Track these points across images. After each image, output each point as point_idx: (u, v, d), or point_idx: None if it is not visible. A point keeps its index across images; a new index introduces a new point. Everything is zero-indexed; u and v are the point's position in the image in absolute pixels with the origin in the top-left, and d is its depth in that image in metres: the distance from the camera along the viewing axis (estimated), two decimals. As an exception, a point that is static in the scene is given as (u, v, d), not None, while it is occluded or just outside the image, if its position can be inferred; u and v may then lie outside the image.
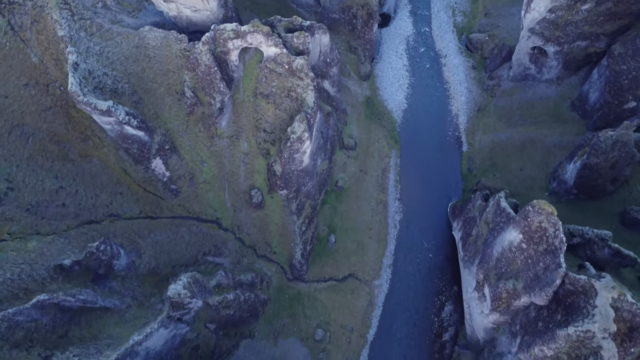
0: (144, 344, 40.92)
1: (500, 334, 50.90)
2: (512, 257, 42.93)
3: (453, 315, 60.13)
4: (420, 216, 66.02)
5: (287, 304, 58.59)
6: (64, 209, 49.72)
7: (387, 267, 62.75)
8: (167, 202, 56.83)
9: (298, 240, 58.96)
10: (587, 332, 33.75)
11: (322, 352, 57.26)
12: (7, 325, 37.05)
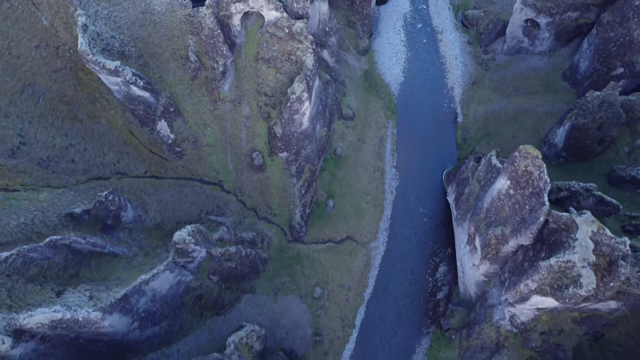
0: (151, 284, 43.16)
1: (491, 287, 53.13)
2: (501, 205, 45.08)
3: (447, 275, 62.29)
4: (416, 183, 68.16)
5: (287, 264, 60.78)
6: (73, 164, 51.96)
7: (383, 231, 64.91)
8: (171, 164, 59.04)
9: (297, 203, 61.15)
10: (567, 262, 35.90)
11: (321, 309, 59.45)
12: (22, 261, 39.29)
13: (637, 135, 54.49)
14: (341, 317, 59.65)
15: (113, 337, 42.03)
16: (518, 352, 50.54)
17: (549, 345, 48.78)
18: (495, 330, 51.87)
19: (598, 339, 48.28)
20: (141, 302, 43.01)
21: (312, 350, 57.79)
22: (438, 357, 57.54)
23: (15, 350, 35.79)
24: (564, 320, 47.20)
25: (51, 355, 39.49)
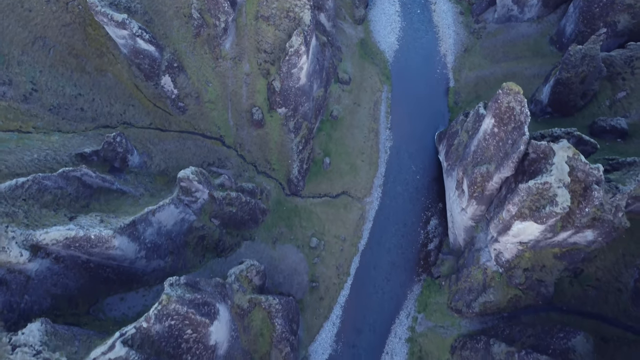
0: (157, 215, 45.93)
1: (479, 232, 56.03)
2: (486, 146, 47.94)
3: (438, 228, 65.16)
4: (409, 143, 71.00)
5: (285, 215, 63.55)
6: (82, 112, 54.66)
7: (377, 187, 67.73)
8: (175, 118, 61.73)
9: (295, 158, 63.92)
10: (544, 183, 38.78)
11: (317, 258, 62.25)
12: (37, 188, 42.02)
13: (618, 89, 57.36)
14: (336, 266, 62.46)
15: (121, 264, 44.78)
16: (503, 291, 53.50)
17: (531, 282, 51.73)
18: (482, 272, 54.78)
19: (578, 274, 51.28)
20: (148, 232, 45.77)
21: (309, 295, 60.61)
22: (428, 302, 60.41)
23: (31, 264, 38.49)
24: (545, 256, 50.10)
25: (64, 276, 42.20)
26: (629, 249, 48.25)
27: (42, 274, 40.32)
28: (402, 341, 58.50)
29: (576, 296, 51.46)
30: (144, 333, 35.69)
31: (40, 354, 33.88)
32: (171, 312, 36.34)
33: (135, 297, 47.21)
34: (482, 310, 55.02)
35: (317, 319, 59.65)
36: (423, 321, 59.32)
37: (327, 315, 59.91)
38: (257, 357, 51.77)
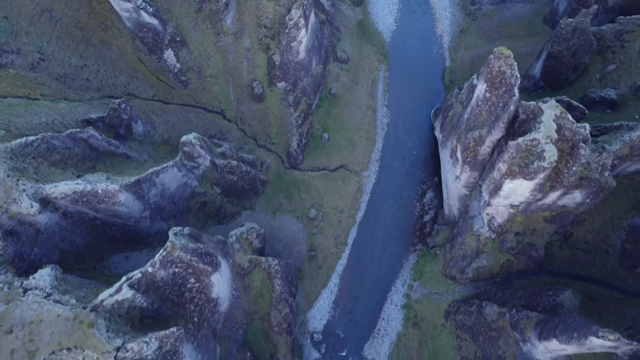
0: (161, 176, 47.60)
1: (472, 200, 57.69)
2: (479, 112, 49.60)
3: (433, 200, 66.83)
4: (406, 120, 72.67)
5: (284, 187, 65.23)
6: (87, 82, 56.32)
7: (375, 162, 69.42)
8: (177, 92, 63.37)
9: (294, 132, 65.59)
10: (533, 140, 40.46)
11: (315, 228, 63.93)
12: (46, 147, 43.70)
13: (608, 63, 59.03)
14: (334, 236, 64.15)
15: (126, 222, 46.46)
16: (496, 256, 55.20)
17: (523, 246, 53.43)
18: (475, 239, 56.45)
19: (567, 238, 52.98)
20: (152, 193, 47.43)
21: (307, 264, 62.29)
22: (424, 270, 62.09)
23: (41, 216, 40.17)
24: (536, 220, 51.81)
25: (72, 232, 43.88)
26: (617, 211, 49.95)
27: (50, 229, 41.99)
28: (398, 307, 60.19)
29: (566, 259, 53.16)
30: (149, 279, 37.36)
31: (51, 296, 35.57)
32: (175, 260, 38.02)
33: (140, 257, 48.84)
34: (475, 276, 56.69)
35: (316, 287, 61.33)
36: (418, 288, 61.00)
37: (325, 283, 61.59)
38: (257, 317, 53.48)
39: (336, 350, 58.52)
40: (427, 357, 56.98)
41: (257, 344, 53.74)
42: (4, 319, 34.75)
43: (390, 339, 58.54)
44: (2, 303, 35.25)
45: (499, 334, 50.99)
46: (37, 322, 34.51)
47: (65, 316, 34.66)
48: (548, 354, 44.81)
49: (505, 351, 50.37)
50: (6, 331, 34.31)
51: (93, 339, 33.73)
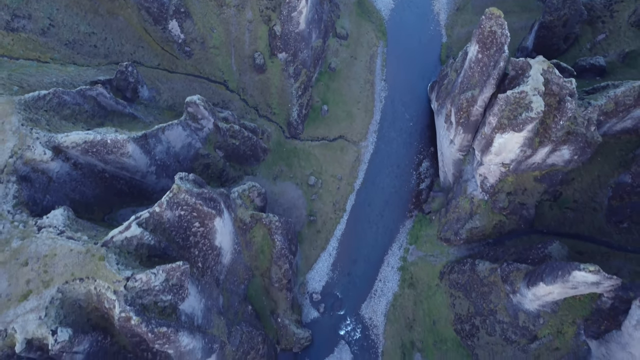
0: (166, 134, 49.68)
1: (466, 164, 59.71)
2: (472, 74, 51.62)
3: (429, 169, 68.87)
4: (403, 94, 74.71)
5: (285, 155, 67.30)
6: (95, 49, 58.43)
7: (372, 132, 71.47)
8: (181, 62, 65.46)
9: (295, 102, 67.67)
10: (521, 92, 42.49)
11: (315, 195, 66.00)
12: (57, 102, 45.82)
13: (598, 32, 61.01)
14: (333, 202, 66.21)
15: (133, 176, 48.54)
16: (488, 217, 57.25)
17: (514, 206, 55.48)
18: (469, 202, 58.48)
19: (557, 198, 55.00)
20: (158, 149, 49.52)
21: (307, 228, 64.35)
22: (419, 235, 64.12)
23: (53, 164, 42.25)
24: (527, 179, 53.86)
25: (82, 184, 45.97)
26: (604, 170, 51.96)
27: (62, 178, 44.09)
28: (395, 269, 62.22)
29: (555, 218, 55.19)
30: (157, 219, 39.44)
31: (64, 233, 37.68)
32: (181, 202, 40.09)
33: (146, 212, 50.82)
34: (468, 237, 58.75)
35: (315, 250, 63.39)
36: (414, 251, 63.03)
37: (324, 247, 63.65)
38: (258, 274, 55.58)
39: (334, 309, 60.57)
40: (423, 315, 58.99)
41: (257, 300, 55.83)
42: (19, 253, 36.86)
43: (386, 299, 60.57)
44: (18, 239, 37.37)
45: (491, 289, 52.99)
46: (51, 256, 36.61)
47: (78, 250, 36.76)
48: (536, 302, 46.85)
49: (497, 304, 52.36)
50: (22, 264, 36.42)
51: (104, 270, 35.81)
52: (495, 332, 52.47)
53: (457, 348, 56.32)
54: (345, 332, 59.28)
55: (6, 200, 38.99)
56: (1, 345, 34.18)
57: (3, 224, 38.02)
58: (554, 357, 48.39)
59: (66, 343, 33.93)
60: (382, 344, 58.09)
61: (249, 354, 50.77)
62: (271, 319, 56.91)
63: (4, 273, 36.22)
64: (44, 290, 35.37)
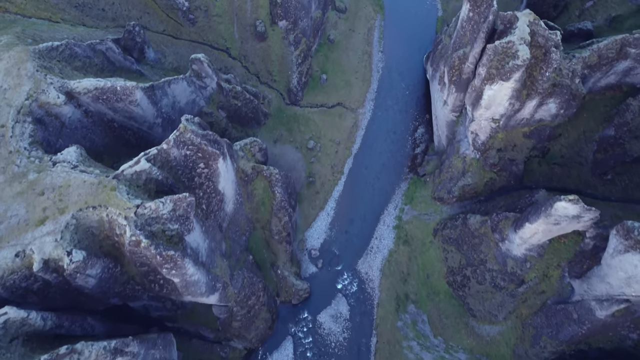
0: (172, 88, 52.15)
1: (459, 125, 62.19)
2: (463, 33, 54.09)
3: (424, 135, 71.36)
4: (399, 64, 77.23)
5: (285, 121, 69.79)
6: (103, 12, 60.87)
7: (370, 101, 73.97)
8: (185, 29, 67.88)
9: (295, 69, 70.14)
10: (508, 42, 44.97)
11: (314, 158, 68.47)
12: (69, 53, 48.28)
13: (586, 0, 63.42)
14: (331, 165, 68.69)
15: (141, 127, 50.99)
16: (480, 174, 59.74)
17: (504, 162, 57.95)
18: (462, 161, 60.97)
19: (545, 154, 57.48)
20: (164, 102, 51.99)
21: (306, 189, 66.83)
22: (414, 196, 66.60)
23: (66, 108, 44.71)
24: (516, 135, 56.31)
25: (92, 132, 48.43)
26: (589, 125, 54.42)
27: (73, 124, 46.56)
28: (390, 228, 64.70)
29: (544, 174, 57.67)
30: (164, 156, 41.91)
31: (77, 167, 40.18)
32: (187, 141, 42.55)
33: (152, 164, 53.22)
34: (461, 195, 61.24)
35: (313, 210, 65.88)
36: (409, 211, 65.52)
37: (323, 207, 66.13)
38: (259, 226, 58.06)
39: (332, 265, 63.04)
40: (417, 269, 61.48)
41: (258, 252, 58.31)
42: (36, 184, 39.36)
43: (382, 255, 63.05)
44: (34, 172, 39.87)
45: (481, 240, 55.48)
46: (65, 186, 39.10)
47: (91, 182, 39.24)
48: (523, 246, 49.36)
49: (487, 254, 54.86)
50: (38, 193, 38.90)
51: (115, 199, 38.27)
52: (485, 280, 54.97)
53: (450, 299, 58.85)
54: (342, 285, 61.75)
55: (23, 138, 41.47)
56: (20, 266, 36.66)
57: (20, 159, 40.52)
58: (540, 300, 50.96)
59: (80, 264, 36.41)
60: (378, 297, 60.56)
61: (250, 299, 53.25)
62: (271, 271, 59.38)
63: (22, 201, 38.73)
64: (60, 216, 37.85)
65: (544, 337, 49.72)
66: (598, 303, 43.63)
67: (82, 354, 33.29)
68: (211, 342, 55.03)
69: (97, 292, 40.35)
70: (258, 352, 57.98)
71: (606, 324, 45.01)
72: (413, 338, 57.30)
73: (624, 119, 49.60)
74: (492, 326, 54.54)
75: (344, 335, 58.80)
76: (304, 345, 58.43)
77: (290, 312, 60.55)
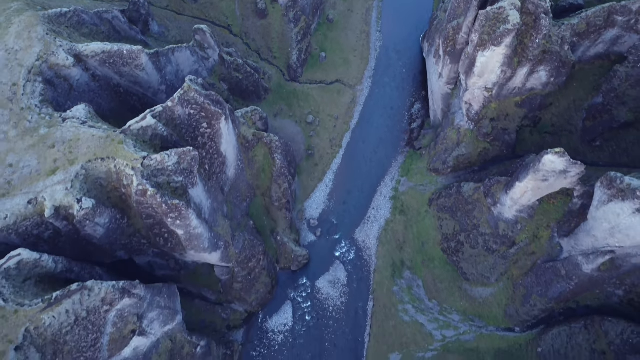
0: (176, 56, 54.13)
1: (454, 98, 64.06)
2: (457, 4, 55.94)
3: (420, 111, 73.23)
4: (397, 43, 79.07)
5: (285, 96, 71.64)
6: (109, -13, 62.70)
7: (368, 78, 75.84)
8: (188, 6, 69.79)
9: (294, 46, 71.99)
10: (499, 8, 46.80)
11: (313, 132, 70.35)
12: (77, 20, 50.15)
13: (578, -23, 65.16)
14: (330, 139, 70.55)
15: (145, 93, 52.81)
16: (474, 144, 61.61)
17: (497, 132, 59.80)
18: (456, 132, 62.83)
19: (537, 123, 59.36)
20: (168, 70, 53.81)
21: (305, 161, 68.70)
22: (410, 168, 68.49)
23: (75, 70, 46.55)
24: (508, 105, 58.15)
25: (99, 96, 50.29)
26: (579, 94, 56.30)
27: (81, 87, 48.42)
28: (387, 199, 66.56)
29: (535, 143, 59.53)
30: (169, 114, 43.76)
31: (86, 123, 42.04)
32: (191, 100, 44.38)
33: (156, 130, 55.06)
34: (455, 165, 63.12)
35: (312, 181, 67.73)
36: (405, 182, 67.38)
37: (321, 178, 67.99)
38: (260, 193, 59.92)
39: (330, 234, 64.90)
40: (412, 238, 63.34)
41: (259, 219, 60.17)
42: (47, 138, 41.23)
43: (379, 224, 64.91)
44: (45, 127, 41.74)
45: (474, 206, 57.34)
46: (75, 140, 40.97)
47: (99, 136, 41.11)
48: (514, 207, 51.23)
49: (480, 219, 56.72)
50: (49, 146, 40.77)
51: (123, 151, 40.14)
52: (478, 244, 56.85)
53: (444, 265, 60.69)
54: (340, 253, 63.62)
55: (34, 96, 43.32)
56: (32, 212, 38.53)
57: (31, 115, 42.38)
58: (531, 261, 52.84)
59: (90, 211, 38.28)
60: (374, 263, 62.43)
61: (250, 261, 55.13)
62: (271, 238, 61.24)
63: (33, 153, 40.60)
64: (70, 167, 39.72)
65: (534, 295, 51.62)
66: (584, 257, 45.49)
67: (92, 291, 35.16)
68: (213, 303, 56.92)
69: (105, 242, 42.22)
70: (258, 315, 59.88)
71: (593, 279, 46.88)
72: (408, 302, 59.19)
73: (611, 85, 51.45)
74: (485, 288, 56.45)
75: (341, 300, 60.66)
76: (303, 309, 60.30)
77: (289, 278, 62.44)
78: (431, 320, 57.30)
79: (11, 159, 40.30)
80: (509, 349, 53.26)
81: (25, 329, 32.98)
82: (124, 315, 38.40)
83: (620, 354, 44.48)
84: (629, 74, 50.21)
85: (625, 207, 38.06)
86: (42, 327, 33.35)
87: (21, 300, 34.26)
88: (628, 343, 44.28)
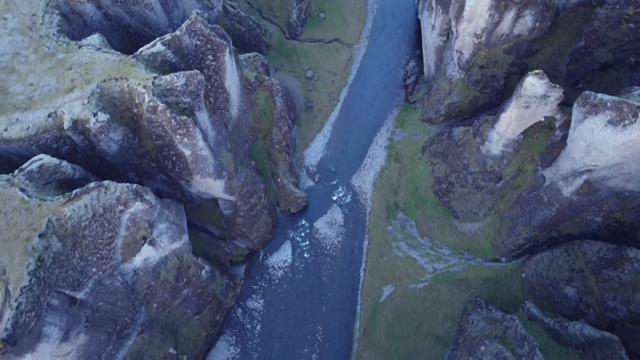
0: (183, 0, 57.11)
1: (446, 50, 67.26)
2: (449, -45, 59.16)
3: (415, 68, 76.48)
4: (393, 6, 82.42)
5: (285, 53, 74.90)
6: (118, -58, 65.76)
7: (365, 37, 79.09)
8: (193, -35, 72.82)
9: (294, 5, 75.25)
10: (486, -51, 49.98)
11: (312, 86, 73.61)
12: (90, -37, 53.21)
13: (565, -64, 68.31)
14: (328, 93, 73.82)
15: (154, 35, 55.91)
16: (465, 92, 64.86)
17: (487, 79, 63.02)
18: (448, 82, 66.09)
19: (524, 70, 62.51)
20: (175, 13, 56.89)
21: (304, 113, 71.97)
22: (405, 120, 71.76)
23: (88, 5, 49.83)
24: (497, 52, 61.33)
25: (110, 35, 53.47)
26: (563, 41, 59.45)
27: (94, 25, 51.64)
28: (382, 148, 69.85)
29: (523, 89, 62.60)
30: (177, 43, 46.98)
31: (100, 49, 45.29)
32: (197, 31, 47.60)
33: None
34: (447, 113, 66.38)
35: (311, 132, 71.02)
36: (400, 133, 70.66)
37: (320, 129, 71.28)
38: (261, 137, 63.18)
39: (328, 180, 68.19)
40: (406, 182, 66.62)
41: (260, 162, 63.42)
42: (64, 62, 44.48)
43: (374, 171, 68.20)
44: (62, 52, 44.99)
45: (464, 148, 60.61)
46: (90, 63, 44.21)
47: (113, 59, 44.36)
48: (500, 142, 54.51)
49: (469, 159, 60.00)
50: (67, 68, 44.01)
51: (135, 72, 43.39)
52: (468, 183, 60.14)
53: (436, 206, 63.96)
54: (337, 197, 66.92)
55: (52, 26, 46.57)
56: (52, 125, 41.77)
57: (50, 42, 45.63)
58: (516, 194, 56.13)
59: (105, 124, 41.55)
60: (370, 206, 65.71)
61: (252, 196, 58.41)
62: (272, 181, 64.52)
63: (52, 74, 43.85)
64: (86, 85, 42.96)
65: (519, 225, 54.90)
66: (564, 181, 48.73)
67: (108, 189, 38.44)
68: (217, 237, 60.19)
69: (117, 161, 45.50)
70: (259, 252, 63.20)
71: (572, 204, 50.12)
72: (402, 239, 62.47)
73: (592, 27, 54.63)
74: (473, 223, 59.74)
75: (338, 239, 63.97)
76: (302, 247, 63.60)
77: (289, 220, 65.76)
78: (423, 255, 60.56)
79: (32, 78, 43.55)
80: (495, 277, 56.54)
81: (48, 220, 36.20)
82: (136, 220, 41.67)
83: (596, 269, 47.75)
84: (608, 15, 53.37)
85: (598, 121, 41.27)
86: (63, 219, 36.59)
87: (44, 196, 37.52)
88: (604, 259, 47.53)
